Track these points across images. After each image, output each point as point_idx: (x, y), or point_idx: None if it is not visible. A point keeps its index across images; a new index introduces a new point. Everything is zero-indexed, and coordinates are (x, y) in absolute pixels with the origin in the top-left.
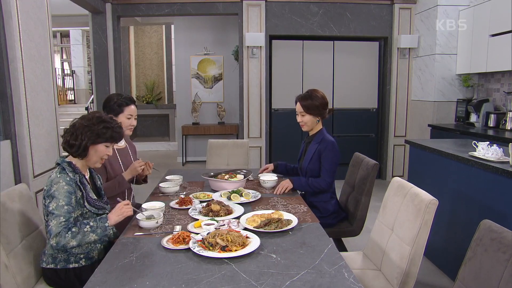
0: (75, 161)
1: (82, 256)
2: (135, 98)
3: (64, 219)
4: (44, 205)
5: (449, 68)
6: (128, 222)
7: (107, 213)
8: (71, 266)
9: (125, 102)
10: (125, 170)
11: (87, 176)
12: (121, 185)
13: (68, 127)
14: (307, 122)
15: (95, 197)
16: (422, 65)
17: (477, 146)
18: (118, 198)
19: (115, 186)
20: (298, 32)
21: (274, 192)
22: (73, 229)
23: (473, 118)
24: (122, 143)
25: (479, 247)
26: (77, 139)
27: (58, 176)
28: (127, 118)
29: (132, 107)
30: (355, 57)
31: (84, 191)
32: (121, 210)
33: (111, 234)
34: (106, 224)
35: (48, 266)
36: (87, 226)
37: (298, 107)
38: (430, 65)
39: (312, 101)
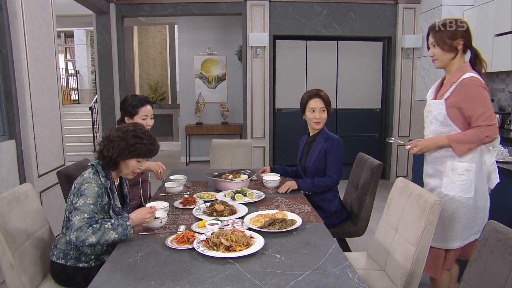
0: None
1: (92, 257)
2: None
3: (88, 216)
4: (71, 202)
5: None
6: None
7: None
8: (80, 265)
9: (139, 103)
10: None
11: (117, 183)
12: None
13: (104, 135)
14: (325, 118)
15: (120, 206)
16: (426, 65)
17: None
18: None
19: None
20: (301, 32)
21: (278, 191)
22: (94, 225)
23: None
24: None
25: (485, 248)
26: (109, 151)
27: (92, 176)
28: (142, 119)
29: (148, 107)
30: (359, 57)
31: (111, 199)
32: (145, 216)
33: (131, 234)
34: (128, 223)
35: (57, 261)
36: (108, 223)
37: (319, 103)
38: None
39: (329, 98)
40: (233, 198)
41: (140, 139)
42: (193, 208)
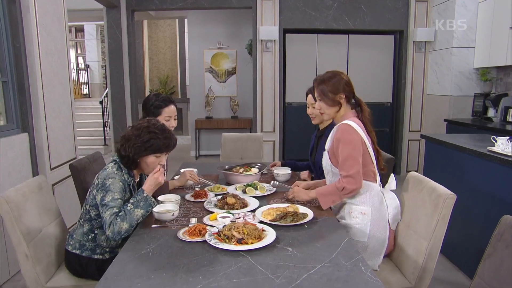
0: None
1: (107, 249)
2: (148, 92)
3: (117, 210)
4: (94, 196)
5: (466, 61)
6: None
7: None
8: (95, 256)
9: (163, 103)
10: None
11: (137, 180)
12: (162, 190)
13: (121, 135)
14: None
15: None
16: (439, 58)
17: (496, 141)
18: None
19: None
20: (312, 25)
21: (288, 196)
22: (120, 213)
23: (491, 112)
24: None
25: (500, 243)
26: (126, 150)
27: (116, 172)
28: (166, 120)
29: (171, 107)
30: (369, 50)
31: (133, 195)
32: (156, 178)
33: (154, 202)
34: (145, 194)
35: (73, 251)
36: (129, 205)
37: (310, 99)
38: (447, 59)
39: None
40: (244, 192)
41: (155, 134)
42: (204, 201)
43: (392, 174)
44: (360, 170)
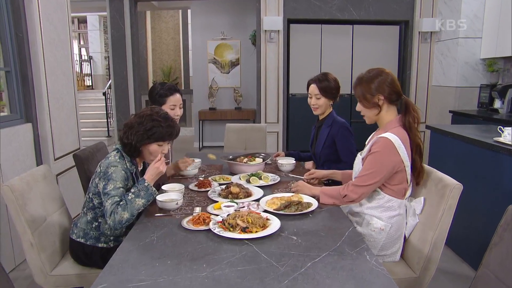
0: None
1: (111, 238)
2: (151, 84)
3: (118, 199)
4: (97, 185)
5: (473, 52)
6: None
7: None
8: (99, 245)
9: (168, 92)
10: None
11: (140, 168)
12: (161, 178)
13: (124, 123)
14: (322, 105)
15: None
16: (445, 49)
17: (502, 132)
18: None
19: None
20: (316, 16)
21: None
22: (121, 203)
23: (497, 104)
24: None
25: (506, 232)
26: (129, 139)
27: (118, 160)
28: (171, 109)
29: (176, 96)
30: (374, 41)
31: (136, 183)
32: (157, 167)
33: (155, 191)
34: (146, 184)
35: (77, 239)
36: (130, 194)
37: (313, 89)
38: (453, 50)
39: (329, 83)
40: (248, 181)
41: (158, 122)
42: (208, 190)
43: (422, 198)
44: (368, 191)
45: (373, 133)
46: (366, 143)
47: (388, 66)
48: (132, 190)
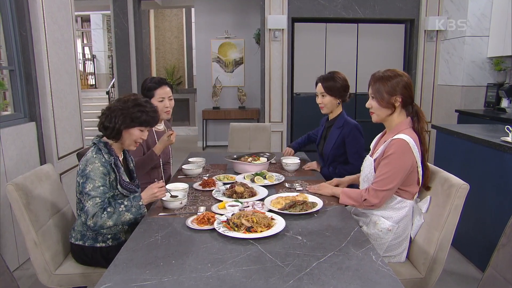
0: (111, 142)
1: (109, 236)
2: None
3: (100, 200)
4: (79, 183)
5: (479, 51)
6: (155, 202)
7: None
8: (98, 245)
9: (156, 84)
10: (162, 153)
11: (121, 158)
12: (151, 158)
13: (105, 108)
14: (327, 103)
15: (128, 180)
16: (451, 48)
17: (510, 131)
18: (155, 180)
19: (146, 161)
20: (321, 14)
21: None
22: (109, 209)
23: (504, 103)
24: (161, 127)
25: None
26: (111, 122)
27: (94, 156)
28: (159, 101)
29: (165, 88)
30: (379, 40)
31: (117, 174)
32: (155, 192)
33: (145, 212)
34: (140, 203)
35: (76, 242)
36: (122, 206)
37: (319, 88)
38: (459, 48)
39: (334, 83)
40: (252, 181)
41: (142, 106)
42: (212, 190)
43: (428, 198)
44: (389, 195)
45: (380, 135)
46: (372, 145)
47: (394, 65)
48: (125, 203)
